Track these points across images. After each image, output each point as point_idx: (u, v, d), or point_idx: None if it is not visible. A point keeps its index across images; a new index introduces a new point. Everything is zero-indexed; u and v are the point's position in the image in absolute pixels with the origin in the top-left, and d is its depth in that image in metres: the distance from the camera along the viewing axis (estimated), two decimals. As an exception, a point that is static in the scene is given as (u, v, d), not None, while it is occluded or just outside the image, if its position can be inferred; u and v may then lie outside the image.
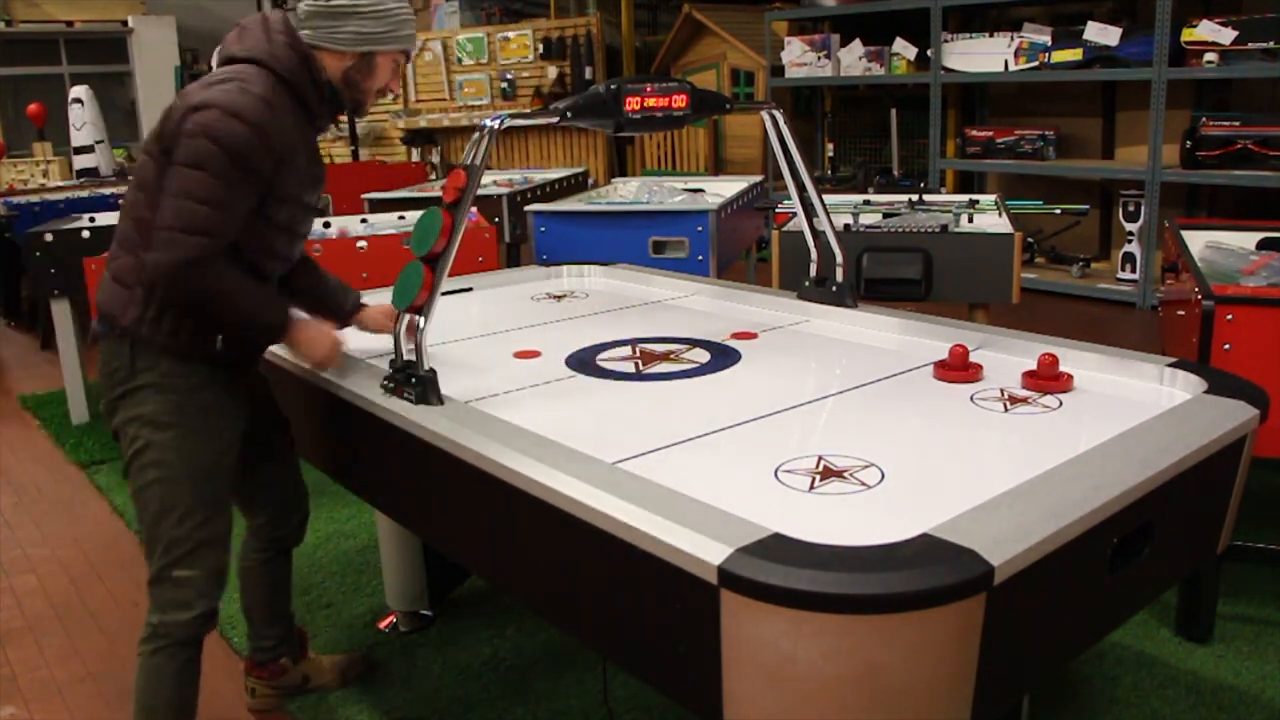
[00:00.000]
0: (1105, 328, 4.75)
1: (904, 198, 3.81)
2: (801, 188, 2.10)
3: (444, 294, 2.08)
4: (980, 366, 1.72)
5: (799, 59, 6.30)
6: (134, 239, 1.64)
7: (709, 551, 1.03)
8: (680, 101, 1.80)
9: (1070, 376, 1.66)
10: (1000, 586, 1.00)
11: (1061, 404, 1.57)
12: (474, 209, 3.28)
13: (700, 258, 3.19)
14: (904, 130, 5.56)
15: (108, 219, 4.12)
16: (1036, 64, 5.29)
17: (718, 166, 7.38)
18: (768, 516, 1.10)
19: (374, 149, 9.24)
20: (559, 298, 2.51)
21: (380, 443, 1.64)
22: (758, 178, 4.54)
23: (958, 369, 1.69)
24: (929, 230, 2.97)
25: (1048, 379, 1.64)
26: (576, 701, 2.05)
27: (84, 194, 5.64)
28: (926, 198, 3.74)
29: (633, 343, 2.00)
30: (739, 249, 3.92)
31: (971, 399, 1.60)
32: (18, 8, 9.96)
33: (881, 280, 2.84)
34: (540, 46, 8.54)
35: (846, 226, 3.08)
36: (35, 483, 3.48)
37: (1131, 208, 5.01)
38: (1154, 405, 1.54)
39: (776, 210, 3.47)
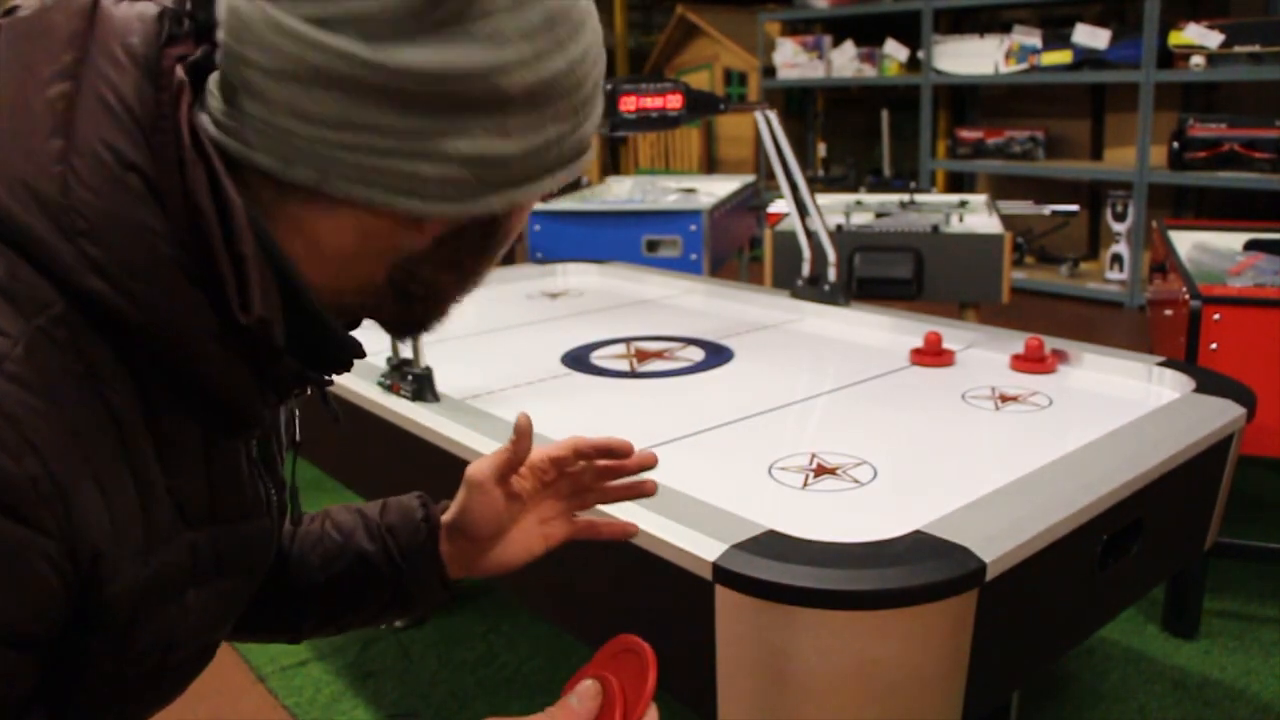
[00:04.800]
0: (1094, 326, 4.78)
1: (895, 198, 3.82)
2: (794, 187, 2.11)
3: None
4: (953, 353, 1.80)
5: (791, 60, 6.31)
6: None
7: (704, 548, 1.04)
8: (675, 102, 1.82)
9: (1057, 357, 1.73)
10: (992, 582, 1.01)
11: (1052, 402, 1.59)
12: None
13: (693, 256, 3.20)
14: (895, 131, 5.57)
15: None
16: (1026, 66, 5.32)
17: (710, 166, 7.39)
18: (762, 513, 1.11)
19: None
20: (554, 296, 2.51)
21: (378, 440, 1.64)
22: (750, 177, 4.55)
23: (932, 354, 1.79)
24: (920, 230, 2.99)
25: (1034, 361, 1.72)
26: (570, 698, 2.05)
27: None
28: (918, 198, 3.76)
29: (627, 341, 2.01)
30: (732, 248, 3.93)
31: (963, 397, 1.62)
32: None
33: (873, 279, 2.86)
34: (532, 45, 8.52)
35: (839, 226, 3.10)
36: None
37: (1120, 208, 5.03)
38: (1143, 403, 1.56)
39: (768, 210, 3.49)
